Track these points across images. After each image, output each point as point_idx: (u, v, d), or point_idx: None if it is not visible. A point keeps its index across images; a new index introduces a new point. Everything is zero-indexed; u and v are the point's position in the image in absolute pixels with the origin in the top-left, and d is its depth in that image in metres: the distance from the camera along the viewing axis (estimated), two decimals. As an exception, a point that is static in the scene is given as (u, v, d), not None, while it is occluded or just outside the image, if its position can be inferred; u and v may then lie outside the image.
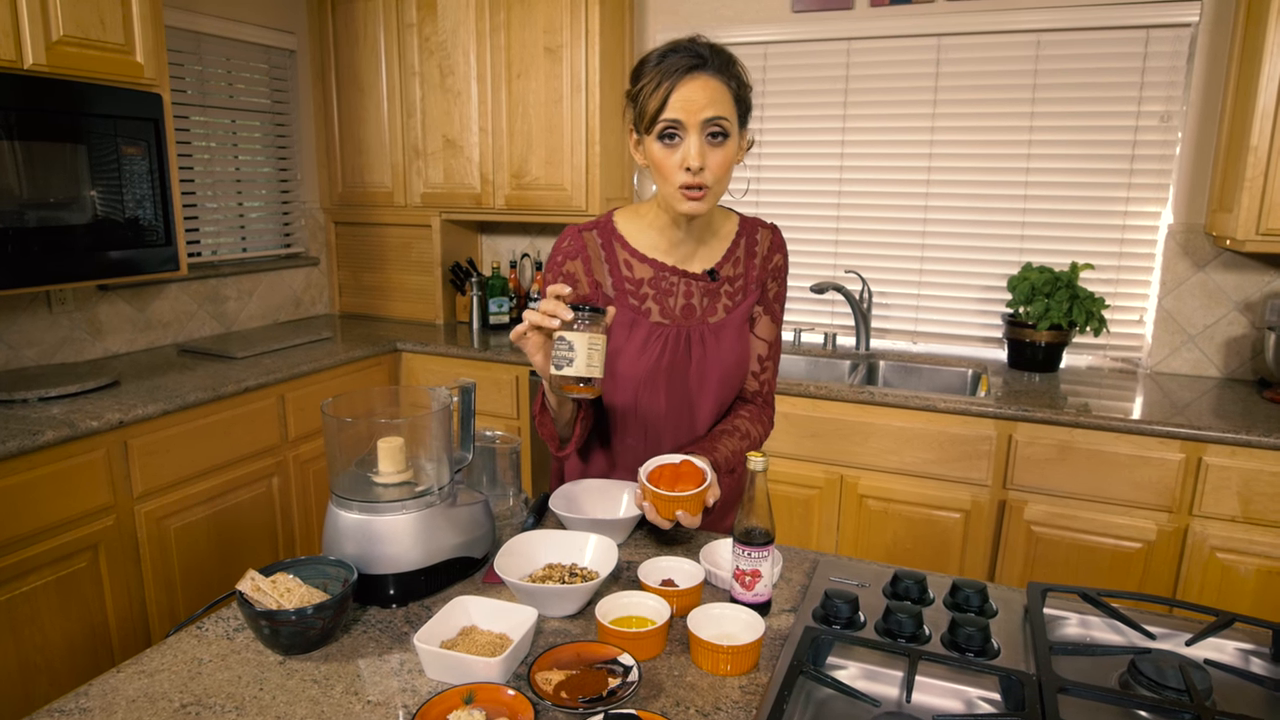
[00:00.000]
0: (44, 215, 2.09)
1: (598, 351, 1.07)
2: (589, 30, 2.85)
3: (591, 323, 1.08)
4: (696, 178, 1.18)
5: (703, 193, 1.20)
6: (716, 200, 1.24)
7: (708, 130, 1.18)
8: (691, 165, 1.17)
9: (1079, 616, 1.12)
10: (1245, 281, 2.51)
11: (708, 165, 1.18)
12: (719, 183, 1.21)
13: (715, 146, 1.19)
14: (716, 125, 1.18)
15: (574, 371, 1.07)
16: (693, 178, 1.18)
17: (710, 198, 1.22)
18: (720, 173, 1.20)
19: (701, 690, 0.94)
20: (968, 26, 2.68)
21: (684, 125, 1.17)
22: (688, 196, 1.21)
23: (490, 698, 0.89)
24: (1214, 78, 2.45)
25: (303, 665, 0.99)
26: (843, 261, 3.02)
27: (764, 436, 1.41)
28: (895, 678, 0.97)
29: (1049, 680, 0.92)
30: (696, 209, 1.22)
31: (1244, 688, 0.98)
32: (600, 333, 1.08)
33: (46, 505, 1.92)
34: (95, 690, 0.93)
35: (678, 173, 1.19)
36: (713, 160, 1.19)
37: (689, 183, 1.19)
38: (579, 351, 1.06)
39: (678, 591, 1.09)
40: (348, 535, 1.12)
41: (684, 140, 1.18)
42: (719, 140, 1.19)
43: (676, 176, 1.20)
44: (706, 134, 1.18)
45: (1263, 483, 2.03)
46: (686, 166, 1.18)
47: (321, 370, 2.69)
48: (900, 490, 2.39)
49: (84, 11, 2.09)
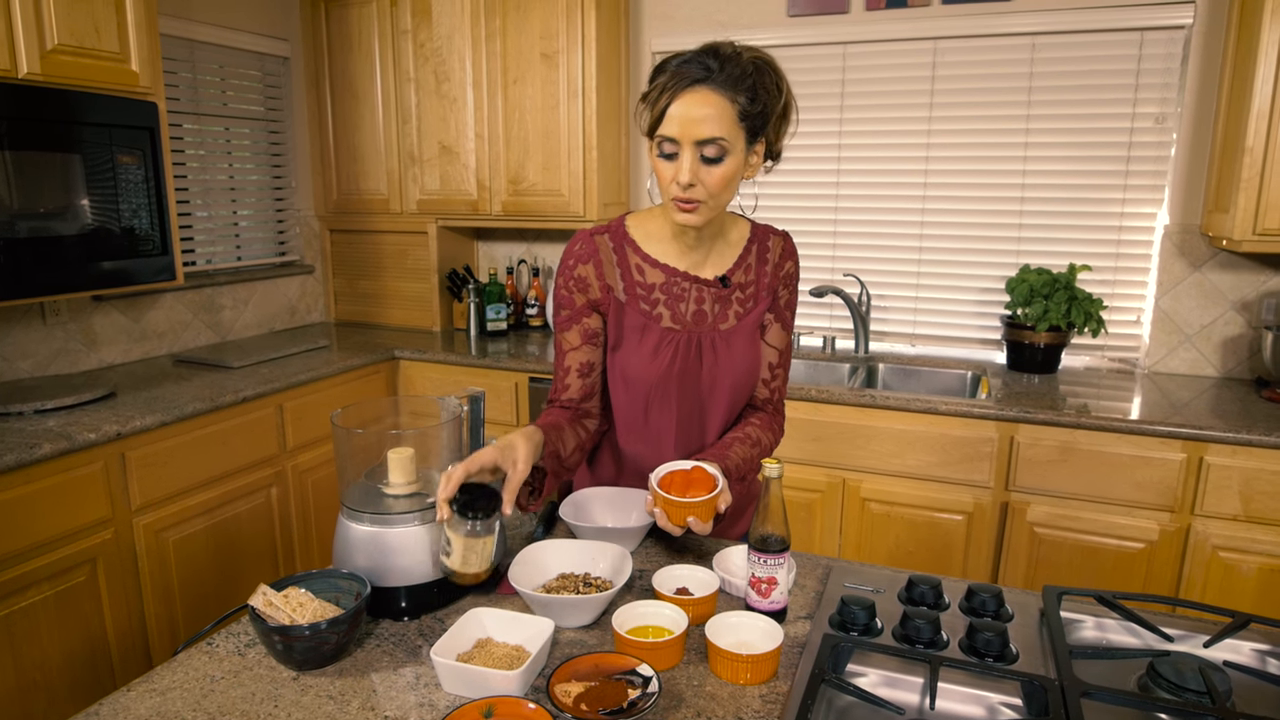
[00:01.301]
0: (39, 226, 2.07)
1: (474, 553, 1.07)
2: (585, 36, 2.85)
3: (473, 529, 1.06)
4: (687, 193, 1.18)
5: (694, 206, 1.19)
6: (713, 214, 1.23)
7: (702, 151, 1.15)
8: (680, 181, 1.16)
9: (1094, 619, 1.12)
10: (1241, 281, 2.53)
11: (702, 183, 1.17)
12: (715, 198, 1.20)
13: (710, 165, 1.17)
14: (713, 146, 1.15)
15: (450, 564, 1.08)
16: (683, 192, 1.18)
17: (705, 211, 1.21)
18: (717, 189, 1.18)
19: (722, 700, 0.94)
20: (963, 30, 2.69)
21: (678, 142, 1.16)
22: (681, 208, 1.20)
23: (510, 711, 0.88)
24: (1208, 79, 2.47)
25: (317, 681, 0.98)
26: (840, 265, 3.02)
27: (775, 444, 1.40)
28: (915, 684, 0.97)
29: (1071, 684, 0.91)
30: (689, 220, 1.21)
31: (1262, 689, 0.98)
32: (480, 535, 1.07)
33: (44, 519, 1.89)
34: (106, 710, 0.92)
35: (671, 186, 1.19)
36: (708, 178, 1.17)
37: (680, 197, 1.18)
38: (455, 548, 1.07)
39: (693, 600, 1.09)
40: (359, 547, 1.11)
41: (679, 156, 1.17)
42: (714, 162, 1.16)
43: (670, 189, 1.19)
44: (701, 154, 1.16)
45: (1264, 481, 2.04)
46: (677, 182, 1.17)
47: (320, 379, 2.67)
48: (902, 493, 2.39)
49: (79, 20, 2.07)
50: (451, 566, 1.08)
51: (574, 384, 1.34)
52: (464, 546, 1.07)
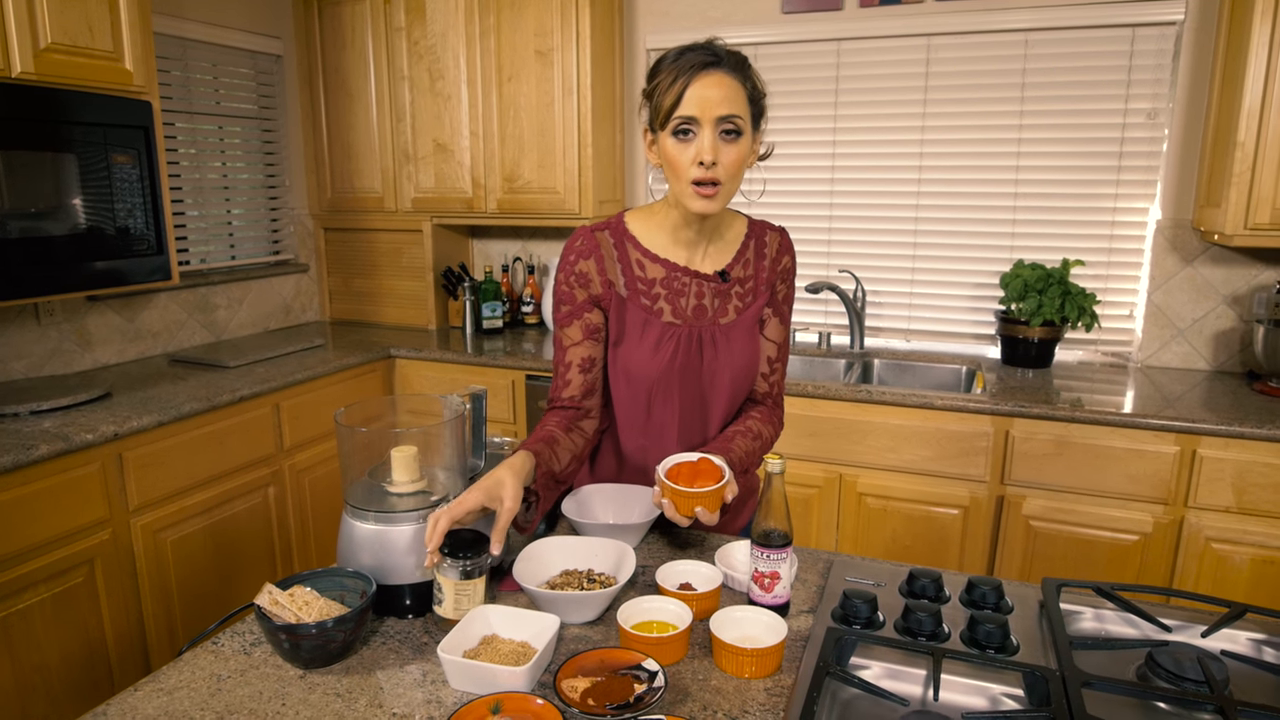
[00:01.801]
0: (33, 225, 2.06)
1: (466, 597, 1.06)
2: (580, 33, 2.85)
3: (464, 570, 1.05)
4: (709, 172, 1.19)
5: (715, 190, 1.21)
6: (728, 200, 1.25)
7: (721, 127, 1.19)
8: (705, 159, 1.18)
9: (1093, 610, 1.13)
10: (1233, 275, 2.55)
11: (721, 161, 1.19)
12: (731, 180, 1.22)
13: (728, 143, 1.20)
14: (730, 123, 1.19)
15: (442, 612, 1.07)
16: (705, 172, 1.19)
17: (722, 196, 1.22)
18: (733, 170, 1.21)
19: (727, 693, 0.95)
20: (956, 26, 2.70)
21: (698, 121, 1.18)
22: (700, 194, 1.21)
23: (518, 707, 0.88)
24: (1199, 75, 2.49)
25: (324, 679, 0.98)
26: (836, 261, 3.04)
27: (775, 437, 1.41)
28: (917, 676, 0.98)
29: (1072, 675, 0.93)
30: (708, 208, 1.22)
31: (1259, 677, 0.99)
32: (472, 578, 1.06)
33: (42, 520, 1.88)
34: (114, 710, 0.92)
35: (691, 168, 1.20)
36: (725, 157, 1.20)
37: (701, 177, 1.19)
38: (446, 595, 1.06)
39: (697, 595, 1.09)
40: (363, 546, 1.11)
41: (698, 136, 1.19)
42: (732, 138, 1.20)
43: (690, 172, 1.20)
44: (720, 131, 1.19)
45: (1255, 473, 2.06)
46: (700, 161, 1.19)
47: (316, 378, 2.67)
48: (899, 488, 2.41)
49: (72, 19, 2.06)
50: (445, 615, 1.06)
51: (575, 380, 1.34)
52: (455, 591, 1.05)
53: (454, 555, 1.04)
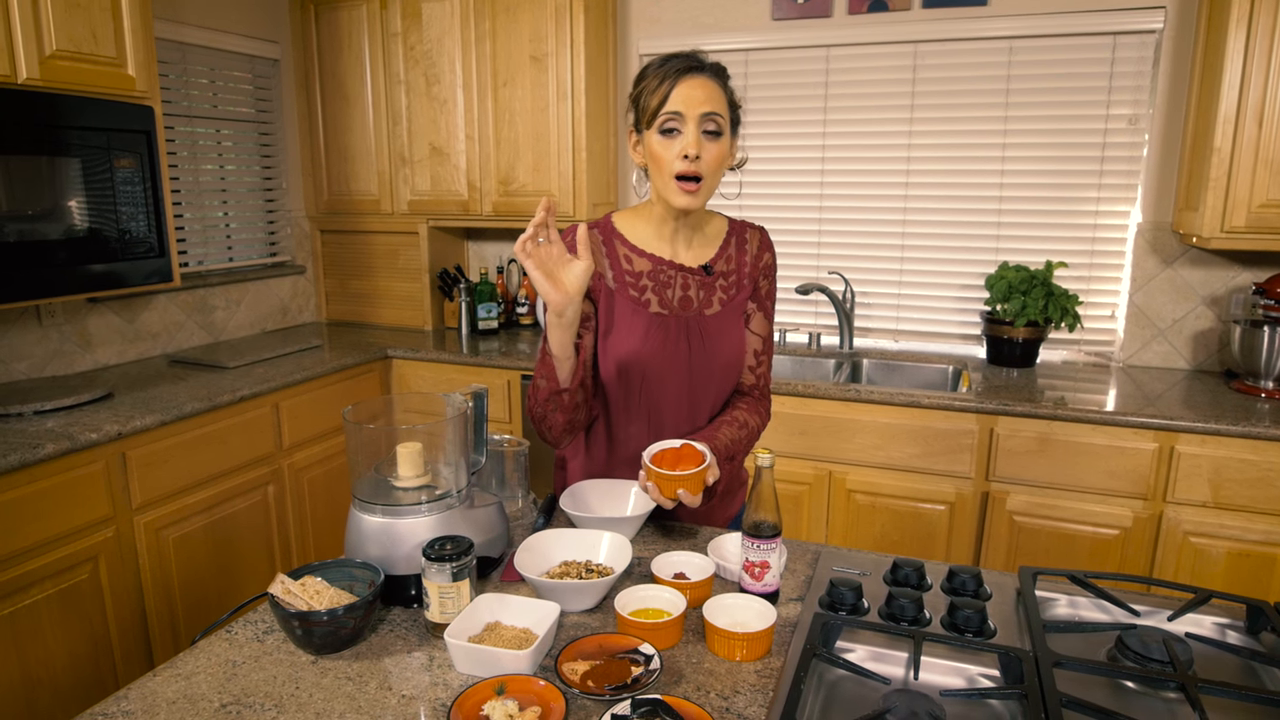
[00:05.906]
0: (36, 229, 2.09)
1: (450, 599, 1.08)
2: (574, 39, 2.90)
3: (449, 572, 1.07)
4: (693, 166, 1.27)
5: (697, 185, 1.28)
6: (709, 195, 1.33)
7: (704, 125, 1.27)
8: (689, 153, 1.26)
9: (1068, 597, 1.19)
10: (1211, 277, 2.62)
11: (703, 157, 1.27)
12: (712, 176, 1.30)
13: (710, 141, 1.28)
14: (712, 121, 1.27)
15: (429, 617, 1.09)
16: (689, 165, 1.27)
17: (703, 192, 1.30)
18: (714, 166, 1.29)
19: (719, 675, 1.00)
20: (942, 34, 2.77)
21: (683, 117, 1.26)
22: (683, 189, 1.29)
23: (521, 688, 0.93)
24: (1178, 82, 2.56)
25: (335, 664, 1.03)
26: (825, 263, 3.09)
27: (762, 426, 1.47)
28: (900, 658, 1.03)
29: (1044, 656, 0.98)
30: (690, 203, 1.30)
31: (1222, 658, 1.05)
32: (456, 580, 1.08)
33: (47, 518, 1.92)
34: (135, 694, 0.96)
35: (675, 162, 1.28)
36: (708, 154, 1.28)
37: (685, 171, 1.27)
38: (431, 598, 1.08)
39: (691, 584, 1.14)
40: (371, 538, 1.15)
41: (682, 134, 1.27)
42: (714, 137, 1.28)
43: (674, 165, 1.28)
44: (703, 130, 1.27)
45: (1231, 469, 2.13)
46: (684, 155, 1.26)
47: (314, 378, 2.71)
48: (887, 484, 2.47)
49: (76, 25, 2.10)
50: (431, 619, 1.08)
51: None
52: (439, 593, 1.07)
53: (440, 559, 1.07)
